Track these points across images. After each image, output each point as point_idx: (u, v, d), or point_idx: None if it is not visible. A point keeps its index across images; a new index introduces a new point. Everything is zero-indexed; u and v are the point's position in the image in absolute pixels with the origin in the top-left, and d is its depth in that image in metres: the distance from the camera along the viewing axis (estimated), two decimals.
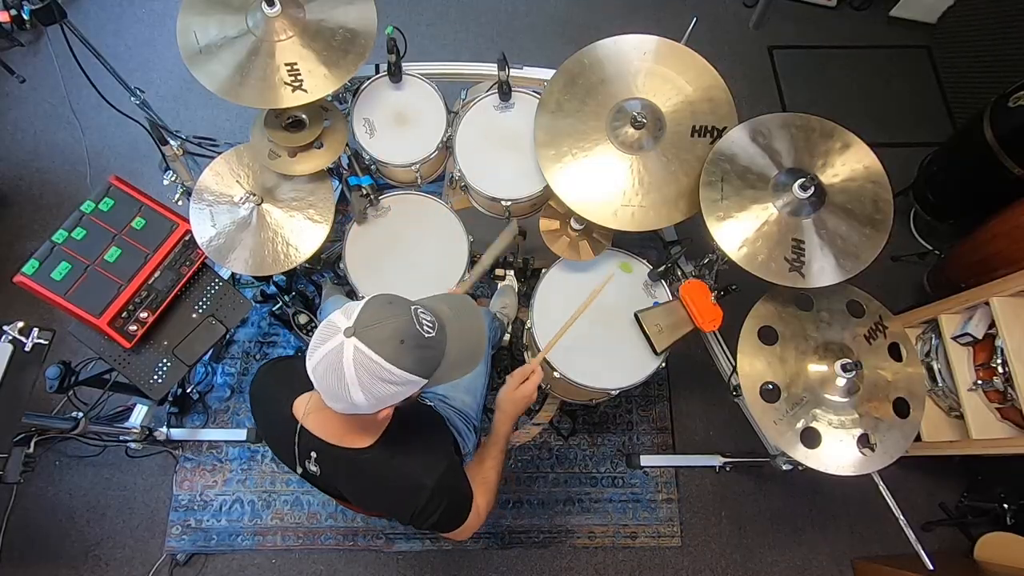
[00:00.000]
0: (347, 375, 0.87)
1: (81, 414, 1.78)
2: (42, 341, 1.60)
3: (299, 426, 1.07)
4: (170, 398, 2.20)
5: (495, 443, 1.30)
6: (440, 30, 2.96)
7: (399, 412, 1.10)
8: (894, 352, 1.59)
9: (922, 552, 1.57)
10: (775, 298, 1.60)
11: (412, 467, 1.09)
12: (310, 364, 0.90)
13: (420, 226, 1.76)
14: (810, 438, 1.49)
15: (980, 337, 1.87)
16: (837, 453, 1.48)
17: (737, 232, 1.44)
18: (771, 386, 1.52)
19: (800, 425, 1.49)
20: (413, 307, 0.93)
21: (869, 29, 3.06)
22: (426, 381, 0.94)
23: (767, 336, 1.57)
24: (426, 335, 0.91)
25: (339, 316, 0.90)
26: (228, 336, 2.35)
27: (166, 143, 1.69)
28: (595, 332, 1.67)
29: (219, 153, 1.67)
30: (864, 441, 1.49)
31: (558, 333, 1.39)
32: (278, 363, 1.24)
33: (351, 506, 1.61)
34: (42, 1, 1.45)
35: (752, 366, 1.54)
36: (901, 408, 1.53)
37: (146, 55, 2.80)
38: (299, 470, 1.10)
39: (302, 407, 1.09)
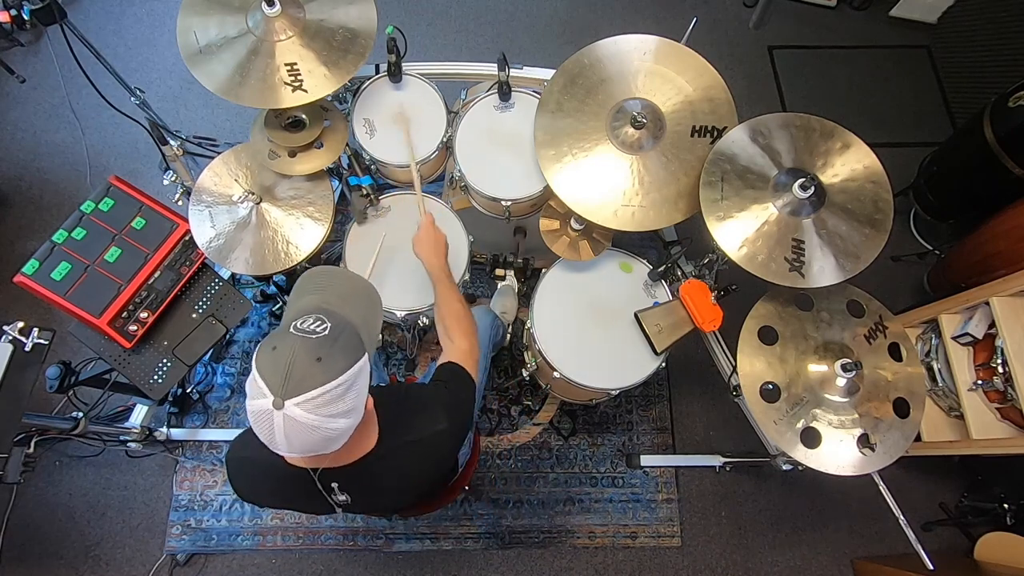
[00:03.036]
0: (316, 425, 0.85)
1: (81, 414, 1.78)
2: (42, 341, 1.60)
3: (312, 470, 1.04)
4: (170, 398, 2.20)
5: (438, 282, 1.39)
6: (440, 30, 2.96)
7: (380, 403, 1.06)
8: (894, 352, 1.59)
9: (922, 552, 1.57)
10: (775, 298, 1.60)
11: (421, 430, 1.10)
12: (285, 451, 0.88)
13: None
14: (810, 438, 1.49)
15: (980, 337, 1.87)
16: (837, 453, 1.49)
17: (737, 232, 1.44)
18: (771, 386, 1.52)
19: (800, 425, 1.49)
20: (291, 328, 0.88)
21: (869, 29, 3.06)
22: (365, 355, 0.92)
23: (767, 336, 1.57)
24: (325, 333, 0.88)
25: (255, 400, 0.86)
26: (228, 336, 2.35)
27: (166, 143, 1.69)
28: (595, 332, 1.67)
29: (219, 153, 1.67)
30: (864, 441, 1.49)
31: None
32: (238, 441, 1.17)
33: (390, 512, 1.59)
34: (42, 1, 1.45)
35: (752, 366, 1.54)
36: (901, 408, 1.53)
37: (146, 55, 2.80)
38: (338, 511, 1.08)
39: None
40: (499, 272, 2.19)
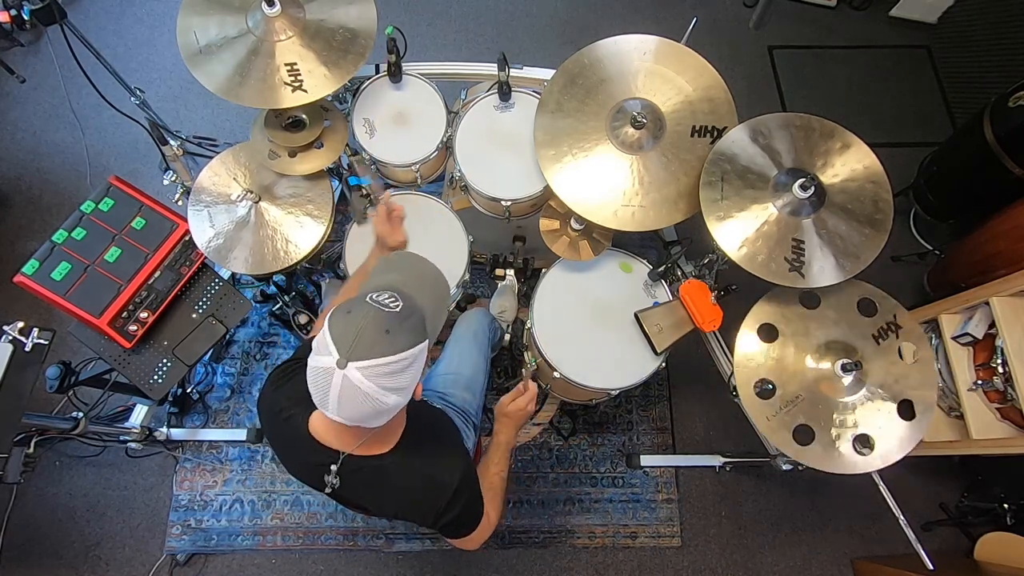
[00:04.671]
0: (370, 393, 0.88)
1: (81, 414, 1.78)
2: (42, 341, 1.60)
3: (317, 444, 1.06)
4: (170, 398, 2.20)
5: (496, 449, 1.32)
6: (440, 30, 2.96)
7: (412, 415, 1.12)
8: (902, 354, 1.57)
9: (922, 552, 1.57)
10: (779, 295, 1.59)
11: (433, 467, 1.11)
12: (333, 413, 0.90)
13: (420, 226, 1.75)
14: (803, 435, 1.49)
15: (980, 337, 1.87)
16: (833, 452, 1.48)
17: (737, 232, 1.44)
18: (766, 382, 1.51)
19: (794, 422, 1.49)
20: (367, 298, 0.93)
21: (869, 29, 3.06)
22: (427, 340, 0.96)
23: (767, 333, 1.57)
24: (397, 310, 0.92)
25: (319, 356, 0.89)
26: (228, 336, 2.35)
27: (166, 143, 1.69)
28: (595, 332, 1.67)
29: (218, 153, 1.67)
30: (861, 442, 1.48)
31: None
32: (286, 371, 1.19)
33: (369, 513, 1.61)
34: (42, 1, 1.45)
35: (748, 362, 1.54)
36: (906, 410, 1.52)
37: (146, 55, 2.80)
38: (327, 490, 1.08)
39: (320, 424, 1.07)
40: (499, 272, 2.19)
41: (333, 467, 1.05)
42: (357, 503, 1.18)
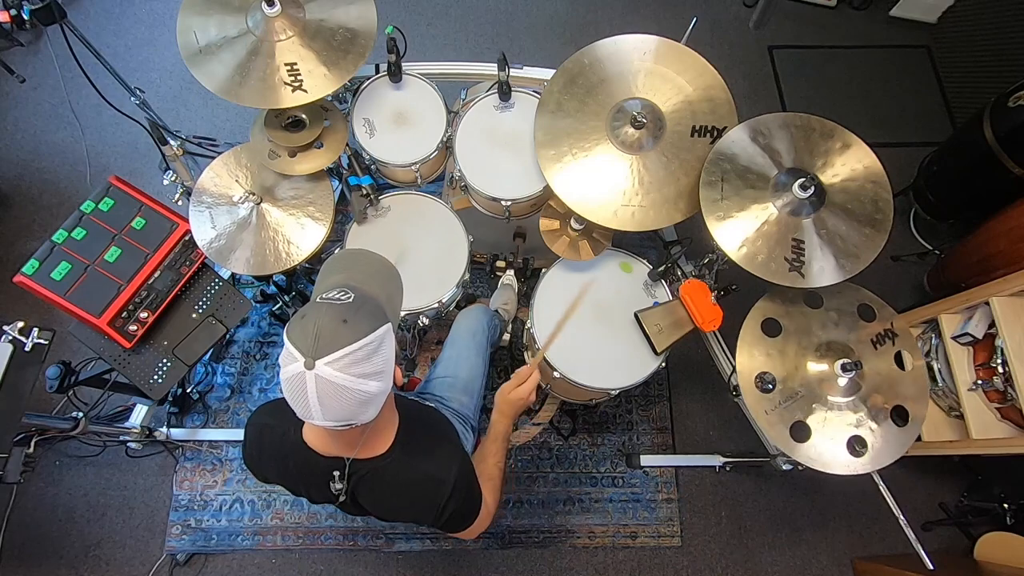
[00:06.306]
0: (347, 385, 0.87)
1: (81, 414, 1.78)
2: (42, 341, 1.60)
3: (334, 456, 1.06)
4: (170, 398, 2.20)
5: (494, 440, 1.31)
6: (440, 30, 2.96)
7: (405, 415, 1.12)
8: (899, 360, 1.58)
9: (922, 552, 1.57)
10: (783, 293, 1.59)
11: (431, 464, 1.11)
12: (320, 419, 0.90)
13: (420, 226, 1.76)
14: (799, 432, 1.49)
15: (980, 337, 1.87)
16: (828, 451, 1.48)
17: (737, 232, 1.44)
18: (768, 377, 1.52)
19: (791, 419, 1.49)
20: (319, 299, 0.93)
21: (869, 29, 3.06)
22: (389, 322, 0.95)
23: (771, 328, 1.57)
24: (349, 300, 0.92)
25: (287, 367, 0.89)
26: (228, 336, 2.35)
27: (166, 143, 1.69)
28: (595, 332, 1.67)
29: (219, 153, 1.67)
30: (857, 443, 1.49)
31: (553, 332, 1.37)
32: (263, 408, 1.19)
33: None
34: (42, 1, 1.45)
35: (751, 355, 1.54)
36: (900, 416, 1.53)
37: (146, 55, 2.80)
38: (341, 498, 1.08)
39: (314, 434, 1.08)
40: (499, 264, 2.18)
41: (336, 473, 1.05)
42: (362, 508, 1.18)
